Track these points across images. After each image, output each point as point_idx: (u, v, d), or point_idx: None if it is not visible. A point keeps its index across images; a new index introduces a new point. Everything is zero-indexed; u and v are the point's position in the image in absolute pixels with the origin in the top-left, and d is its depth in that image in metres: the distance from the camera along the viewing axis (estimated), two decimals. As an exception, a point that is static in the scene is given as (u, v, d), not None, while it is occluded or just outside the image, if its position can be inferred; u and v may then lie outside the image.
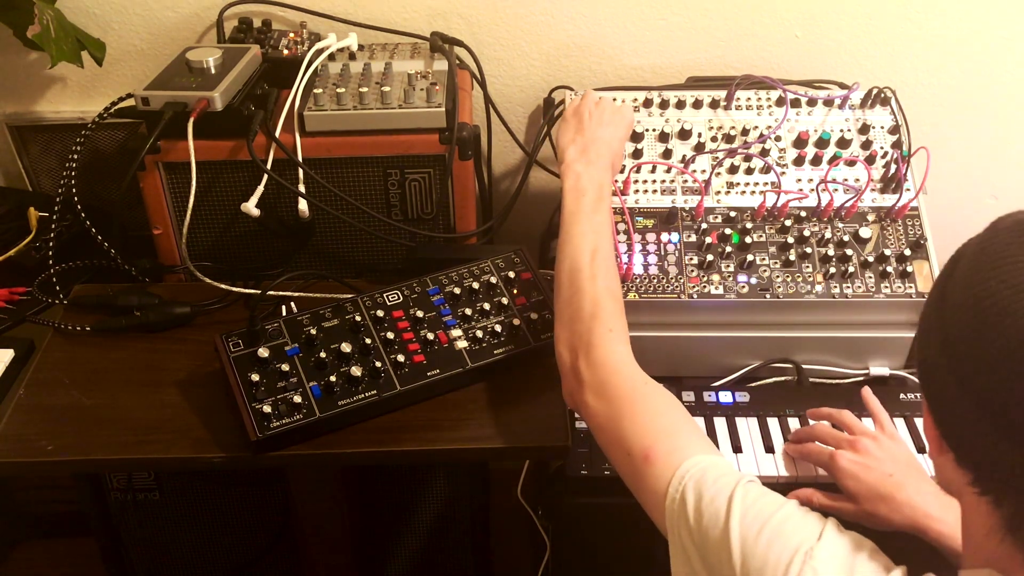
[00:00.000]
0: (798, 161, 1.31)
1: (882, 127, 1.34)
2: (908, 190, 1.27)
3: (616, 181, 1.28)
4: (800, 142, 1.32)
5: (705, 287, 1.20)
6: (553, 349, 1.02)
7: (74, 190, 1.29)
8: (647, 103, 1.36)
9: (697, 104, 1.37)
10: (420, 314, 1.17)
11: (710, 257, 1.22)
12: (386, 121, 1.25)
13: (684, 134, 1.32)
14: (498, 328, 1.16)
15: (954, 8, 1.49)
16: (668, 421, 0.89)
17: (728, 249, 1.22)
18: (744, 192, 1.29)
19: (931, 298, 0.72)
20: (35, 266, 1.35)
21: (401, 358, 1.11)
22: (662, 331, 1.22)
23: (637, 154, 1.31)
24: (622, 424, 0.89)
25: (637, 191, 1.29)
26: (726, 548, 0.74)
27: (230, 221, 1.32)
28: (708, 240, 1.23)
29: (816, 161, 1.31)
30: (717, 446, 1.14)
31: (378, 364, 1.11)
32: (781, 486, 1.12)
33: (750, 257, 1.22)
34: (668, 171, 1.31)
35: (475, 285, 1.21)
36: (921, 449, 1.14)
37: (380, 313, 1.17)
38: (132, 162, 1.22)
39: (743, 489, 0.77)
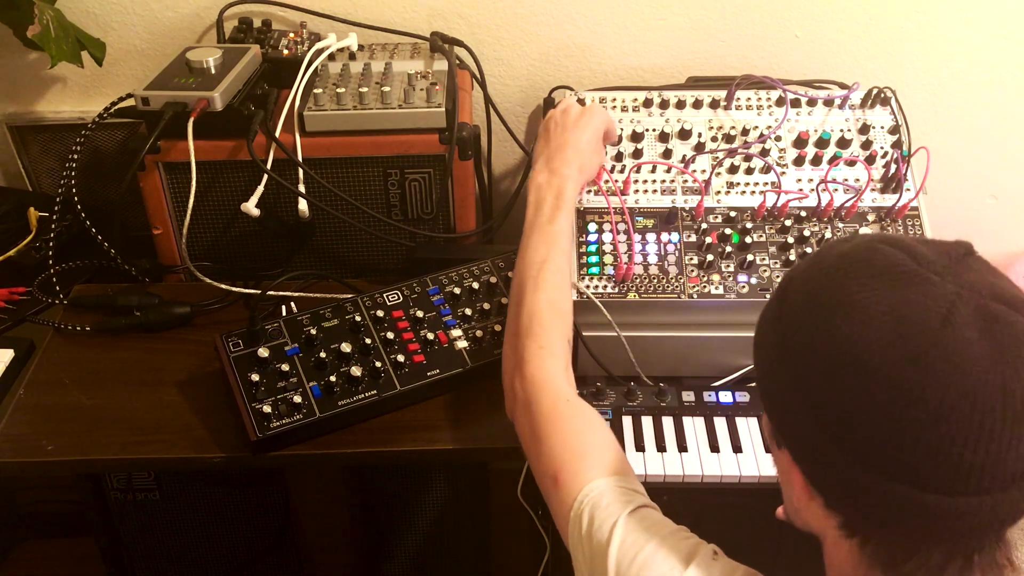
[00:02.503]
0: (798, 161, 1.31)
1: (882, 127, 1.34)
2: (908, 190, 1.27)
3: (616, 181, 1.28)
4: (800, 142, 1.32)
5: (705, 287, 1.20)
6: None
7: (74, 190, 1.29)
8: (647, 103, 1.36)
9: (697, 104, 1.37)
10: (420, 314, 1.17)
11: (710, 257, 1.22)
12: (386, 121, 1.26)
13: (684, 134, 1.32)
14: (498, 328, 1.16)
15: (954, 8, 1.49)
16: (580, 442, 0.88)
17: (728, 249, 1.22)
18: (744, 192, 1.28)
19: (766, 339, 0.71)
20: (35, 266, 1.35)
21: (401, 358, 1.12)
22: (662, 331, 1.22)
23: (637, 154, 1.31)
24: (539, 445, 0.90)
25: (637, 191, 1.29)
26: None
27: (230, 221, 1.32)
28: (708, 240, 1.23)
29: (816, 161, 1.30)
30: (717, 446, 1.15)
31: (378, 364, 1.11)
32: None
33: (750, 257, 1.22)
34: (668, 171, 1.31)
35: (475, 285, 1.21)
36: None
37: (380, 313, 1.17)
38: (132, 162, 1.22)
39: (626, 518, 0.78)
